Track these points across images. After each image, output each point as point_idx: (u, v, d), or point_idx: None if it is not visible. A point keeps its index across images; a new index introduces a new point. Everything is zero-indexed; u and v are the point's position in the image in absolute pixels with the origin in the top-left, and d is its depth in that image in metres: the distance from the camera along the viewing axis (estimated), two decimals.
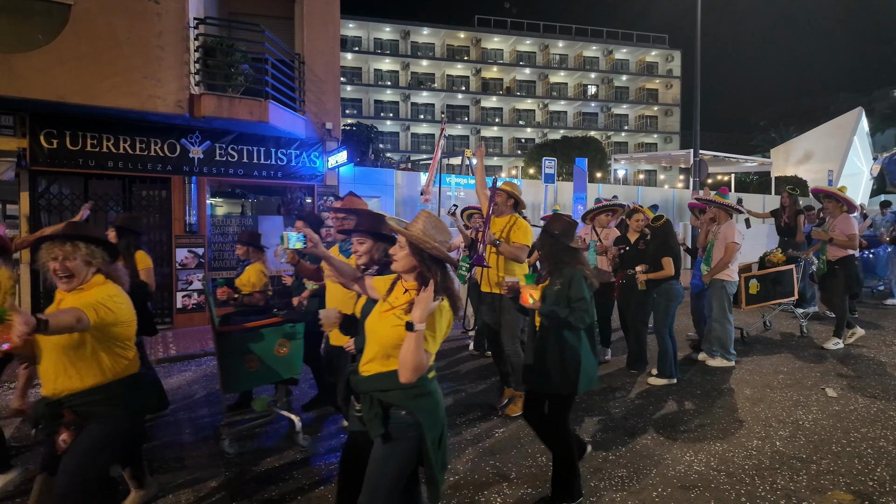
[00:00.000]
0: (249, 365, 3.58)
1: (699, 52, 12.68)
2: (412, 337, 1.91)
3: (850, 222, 5.82)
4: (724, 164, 21.08)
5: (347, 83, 38.74)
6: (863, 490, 3.07)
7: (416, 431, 2.02)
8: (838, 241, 5.80)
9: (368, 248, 2.73)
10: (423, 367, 1.94)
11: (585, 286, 2.89)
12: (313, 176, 8.84)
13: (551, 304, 2.90)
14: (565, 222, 3.07)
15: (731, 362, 5.46)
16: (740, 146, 34.76)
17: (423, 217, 2.12)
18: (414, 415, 2.02)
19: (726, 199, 5.56)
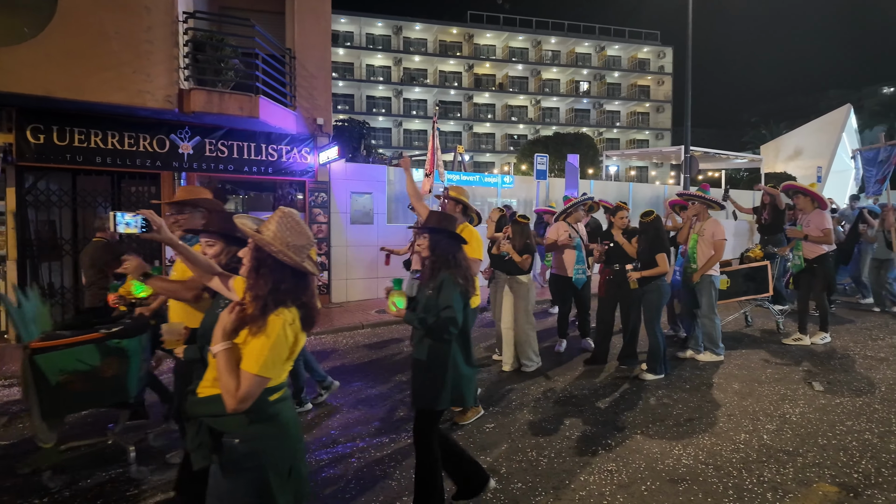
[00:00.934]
0: (72, 386, 3.07)
1: (690, 48, 12.73)
2: (219, 358, 1.74)
3: (823, 217, 5.86)
4: (715, 161, 21.20)
5: (339, 78, 38.57)
6: (848, 482, 3.11)
7: (256, 462, 1.77)
8: (813, 238, 5.82)
9: (218, 252, 2.41)
10: (243, 394, 1.69)
11: (456, 293, 2.66)
12: (304, 172, 8.80)
13: (421, 310, 2.72)
14: (441, 216, 2.84)
15: (720, 356, 5.51)
16: (732, 143, 34.95)
17: (277, 217, 1.88)
18: (249, 444, 1.78)
19: (708, 194, 5.59)
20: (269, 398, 1.82)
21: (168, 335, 2.36)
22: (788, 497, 2.96)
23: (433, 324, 2.64)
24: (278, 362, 1.77)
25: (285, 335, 1.76)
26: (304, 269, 1.86)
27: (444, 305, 2.63)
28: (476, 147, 41.97)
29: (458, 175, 12.96)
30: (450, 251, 2.75)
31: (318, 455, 3.59)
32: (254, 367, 1.70)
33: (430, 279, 2.74)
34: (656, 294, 5.02)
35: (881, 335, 6.53)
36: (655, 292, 5.02)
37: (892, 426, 3.88)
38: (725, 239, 5.28)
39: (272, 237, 1.83)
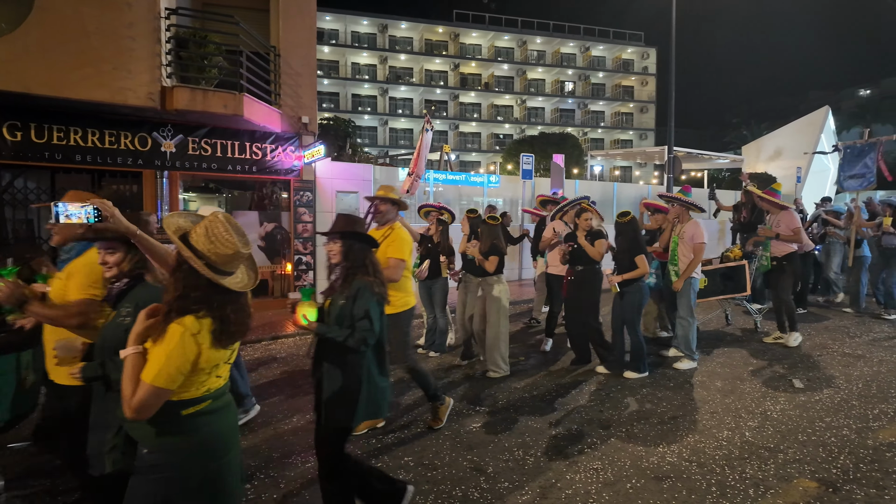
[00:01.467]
0: None
1: (674, 49, 12.88)
2: (125, 362, 1.68)
3: (793, 217, 5.94)
4: (698, 161, 21.47)
5: (324, 77, 38.30)
6: (827, 477, 3.18)
7: (161, 475, 1.70)
8: (785, 237, 5.88)
9: (120, 259, 2.22)
10: (137, 403, 1.60)
11: (373, 301, 2.51)
12: (289, 171, 8.72)
13: (334, 321, 2.52)
14: (350, 219, 2.70)
15: (695, 363, 5.42)
16: (714, 143, 35.49)
17: (205, 222, 1.77)
18: (156, 455, 1.72)
19: (689, 197, 5.63)
20: (182, 412, 1.72)
21: (62, 352, 2.15)
22: (770, 493, 3.02)
23: (348, 336, 2.46)
24: (175, 374, 1.63)
25: (183, 346, 1.64)
26: (215, 280, 1.71)
27: (359, 316, 2.47)
28: (462, 146, 41.99)
29: (445, 174, 12.97)
30: (364, 256, 2.61)
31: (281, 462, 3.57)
32: (148, 377, 1.62)
33: (344, 287, 2.56)
34: (637, 295, 5.04)
35: (858, 333, 6.67)
36: (636, 293, 5.04)
37: (870, 422, 3.97)
38: (704, 242, 5.26)
39: (195, 241, 1.73)
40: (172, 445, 1.73)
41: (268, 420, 4.19)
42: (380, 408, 2.63)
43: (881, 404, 4.32)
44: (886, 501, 2.91)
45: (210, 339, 1.70)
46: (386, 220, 3.93)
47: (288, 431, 3.96)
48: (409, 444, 3.69)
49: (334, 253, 2.60)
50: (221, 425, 1.84)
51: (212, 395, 1.81)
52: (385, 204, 3.94)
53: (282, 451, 3.63)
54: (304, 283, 8.85)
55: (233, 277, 1.80)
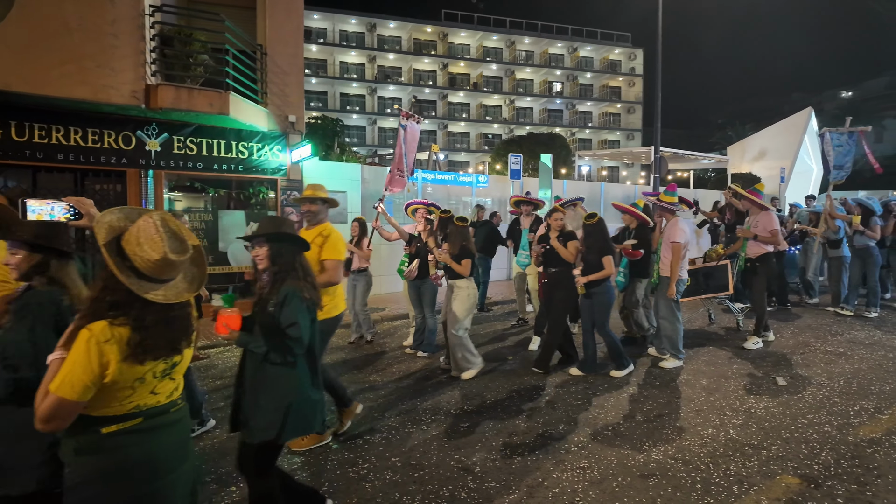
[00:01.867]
0: None
1: (660, 51, 12.99)
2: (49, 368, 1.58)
3: (772, 218, 5.96)
4: (683, 161, 21.70)
5: (312, 75, 38.10)
6: (809, 474, 3.22)
7: (80, 496, 1.59)
8: (762, 238, 5.92)
9: (20, 260, 2.10)
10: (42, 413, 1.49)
11: (303, 308, 2.36)
12: (276, 170, 8.66)
13: (259, 330, 2.36)
14: (277, 220, 2.58)
15: (681, 361, 5.45)
16: (700, 143, 35.85)
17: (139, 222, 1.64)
18: (74, 475, 1.60)
19: (674, 196, 5.62)
20: (103, 430, 1.58)
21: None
22: (753, 489, 3.05)
23: (276, 345, 2.31)
24: (79, 384, 1.48)
25: (88, 354, 1.50)
26: (132, 289, 1.57)
27: (288, 323, 2.31)
28: (451, 146, 42.02)
29: (434, 174, 12.97)
30: (294, 259, 2.46)
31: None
32: (53, 385, 1.49)
33: (271, 293, 2.39)
34: (606, 295, 5.05)
35: (840, 331, 6.78)
36: (605, 294, 5.04)
37: (851, 419, 4.03)
38: (679, 241, 5.24)
39: (125, 243, 1.61)
40: (91, 465, 1.59)
41: None
42: (311, 422, 2.46)
43: (862, 401, 4.39)
44: (867, 497, 2.96)
45: (122, 351, 1.55)
46: (317, 221, 3.71)
47: None
48: (396, 445, 3.69)
49: (261, 258, 2.44)
50: (157, 446, 1.68)
51: (144, 412, 1.65)
52: (314, 203, 3.71)
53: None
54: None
55: (161, 287, 1.64)
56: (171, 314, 1.68)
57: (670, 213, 5.49)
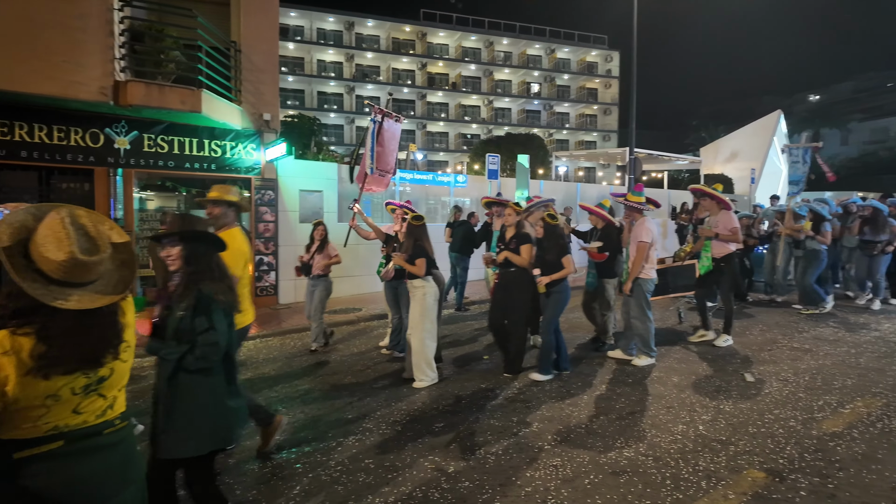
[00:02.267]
0: None
1: (636, 53, 13.18)
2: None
3: (731, 217, 6.04)
4: (658, 162, 22.09)
5: (289, 73, 37.69)
6: (774, 468, 3.30)
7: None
8: (724, 236, 5.97)
9: None
10: None
11: (219, 311, 2.23)
12: (250, 169, 8.55)
13: (171, 336, 2.20)
14: (189, 219, 2.45)
15: (653, 359, 5.49)
16: (675, 145, 36.52)
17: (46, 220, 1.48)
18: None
19: (641, 196, 5.68)
20: (15, 454, 1.43)
21: None
22: (721, 484, 3.12)
23: (186, 352, 2.15)
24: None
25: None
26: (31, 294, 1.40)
27: (203, 328, 2.16)
28: (430, 146, 42.01)
29: (412, 174, 12.95)
30: (210, 260, 2.31)
31: (247, 466, 3.50)
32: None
33: (183, 296, 2.21)
34: (562, 295, 5.02)
35: (806, 328, 6.97)
36: (561, 293, 5.02)
37: (815, 413, 4.15)
38: (645, 241, 5.30)
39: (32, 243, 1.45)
40: (4, 496, 1.44)
41: None
42: (230, 432, 2.33)
43: (825, 396, 4.52)
44: (829, 490, 3.05)
45: (23, 364, 1.38)
46: (221, 225, 3.39)
47: (243, 440, 3.87)
48: (369, 447, 3.67)
49: (173, 258, 2.27)
50: (85, 473, 1.51)
51: (66, 434, 1.48)
52: (218, 206, 3.38)
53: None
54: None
55: (76, 292, 1.48)
56: (87, 322, 1.50)
57: (638, 213, 5.52)
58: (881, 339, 6.31)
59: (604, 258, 5.78)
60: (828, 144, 40.41)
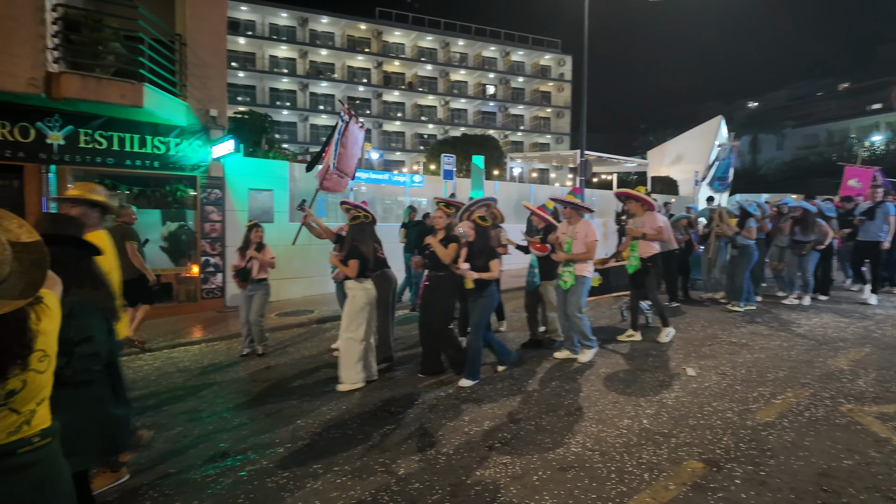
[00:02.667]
0: None
1: (587, 58, 13.52)
2: None
3: (656, 218, 6.31)
4: (608, 164, 22.75)
5: (239, 69, 36.65)
6: (712, 458, 3.45)
7: None
8: (651, 236, 6.17)
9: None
10: None
11: (98, 318, 2.12)
12: (196, 167, 8.25)
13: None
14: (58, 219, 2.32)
15: (595, 347, 5.71)
16: (624, 148, 37.68)
17: None
18: None
19: (578, 199, 5.89)
20: None
21: None
22: (663, 476, 3.23)
23: (66, 366, 2.01)
24: None
25: None
26: None
27: (81, 337, 2.03)
28: (386, 145, 41.76)
29: (368, 173, 12.83)
30: (82, 265, 2.17)
31: (203, 470, 3.38)
32: None
33: None
34: (491, 299, 5.02)
35: (743, 323, 7.33)
36: (488, 297, 4.99)
37: (749, 404, 4.37)
38: (597, 239, 5.52)
39: None
40: None
41: (169, 438, 3.93)
42: (116, 442, 2.24)
43: (760, 387, 4.76)
44: (761, 477, 3.21)
45: None
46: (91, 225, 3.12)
47: (187, 448, 3.74)
48: (318, 452, 3.60)
49: None
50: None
51: None
52: (77, 206, 3.06)
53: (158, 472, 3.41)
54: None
55: None
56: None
57: (579, 216, 5.66)
58: (810, 332, 6.71)
59: (546, 251, 5.88)
60: (765, 149, 42.77)
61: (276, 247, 8.71)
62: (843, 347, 5.98)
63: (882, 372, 5.08)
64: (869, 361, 5.44)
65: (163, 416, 4.33)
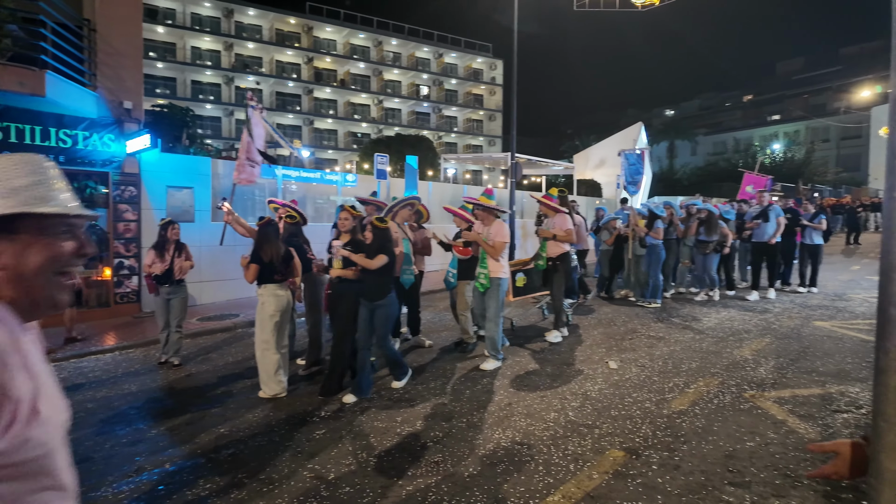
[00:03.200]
0: None
1: (516, 64, 13.88)
2: None
3: (567, 219, 6.44)
4: (537, 167, 23.44)
5: (158, 59, 34.54)
6: (632, 446, 3.65)
7: None
8: (561, 237, 6.34)
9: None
10: None
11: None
12: (108, 162, 7.68)
13: None
14: None
15: (500, 363, 5.46)
16: (552, 151, 38.96)
17: None
18: None
19: (492, 199, 5.74)
20: None
21: None
22: (587, 466, 3.37)
23: None
24: None
25: None
26: None
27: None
28: (318, 143, 40.80)
29: (298, 171, 12.46)
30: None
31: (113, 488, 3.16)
32: None
33: None
34: (392, 308, 4.77)
35: (661, 318, 7.80)
36: (388, 307, 4.73)
37: (666, 394, 4.65)
38: (506, 241, 5.54)
39: None
40: None
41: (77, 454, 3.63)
42: None
43: (675, 378, 5.08)
44: (675, 462, 3.43)
45: None
46: None
47: (97, 464, 3.48)
48: (244, 460, 3.47)
49: None
50: None
51: None
52: None
53: None
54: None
55: None
56: None
57: (494, 216, 5.57)
58: (719, 326, 7.24)
59: (469, 254, 5.93)
60: (680, 154, 45.66)
61: (199, 247, 8.30)
62: (746, 338, 6.50)
63: (779, 360, 5.57)
64: (769, 350, 5.95)
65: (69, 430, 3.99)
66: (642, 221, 8.40)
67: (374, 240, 4.63)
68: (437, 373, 5.29)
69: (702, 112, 61.85)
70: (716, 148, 50.24)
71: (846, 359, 5.53)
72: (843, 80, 47.40)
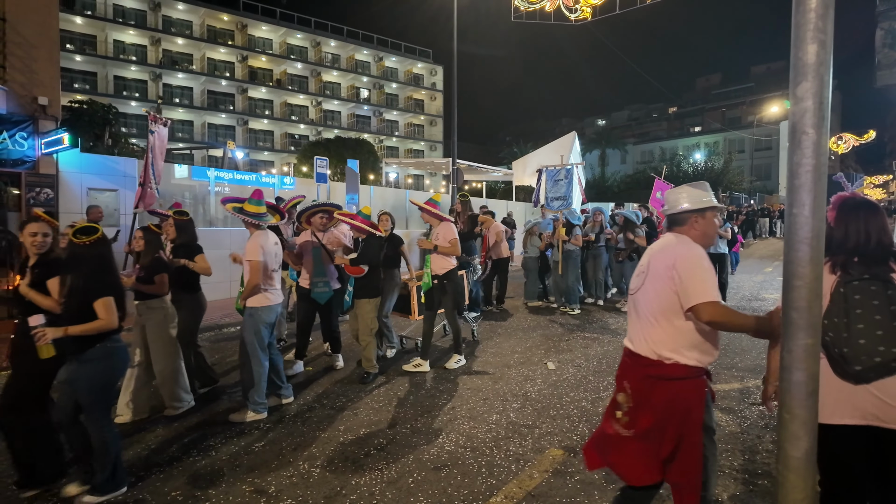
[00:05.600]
0: None
1: (456, 71, 14.07)
2: None
3: (451, 228, 5.65)
4: (477, 173, 23.80)
5: (76, 52, 32.27)
6: (570, 444, 3.79)
7: None
8: (443, 249, 5.51)
9: None
10: None
11: None
12: (20, 162, 7.10)
13: None
14: None
15: (263, 415, 4.26)
16: (491, 157, 39.65)
17: None
18: None
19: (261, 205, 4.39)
20: None
21: None
22: (528, 465, 3.47)
23: None
24: None
25: None
26: None
27: None
28: (253, 144, 39.43)
29: (231, 174, 12.03)
30: None
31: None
32: None
33: None
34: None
35: (595, 320, 8.13)
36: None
37: (601, 393, 4.85)
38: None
39: None
40: None
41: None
42: None
43: (609, 377, 5.31)
44: None
45: None
46: None
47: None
48: (177, 475, 3.31)
49: None
50: None
51: None
52: None
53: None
54: None
55: None
56: None
57: (254, 227, 4.30)
58: None
59: (361, 272, 5.13)
60: (611, 162, 47.75)
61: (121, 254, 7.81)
62: None
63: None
64: None
65: None
66: (563, 230, 8.67)
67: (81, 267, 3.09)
68: (381, 380, 5.26)
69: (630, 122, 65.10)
70: (644, 157, 52.91)
71: (761, 355, 5.99)
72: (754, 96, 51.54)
